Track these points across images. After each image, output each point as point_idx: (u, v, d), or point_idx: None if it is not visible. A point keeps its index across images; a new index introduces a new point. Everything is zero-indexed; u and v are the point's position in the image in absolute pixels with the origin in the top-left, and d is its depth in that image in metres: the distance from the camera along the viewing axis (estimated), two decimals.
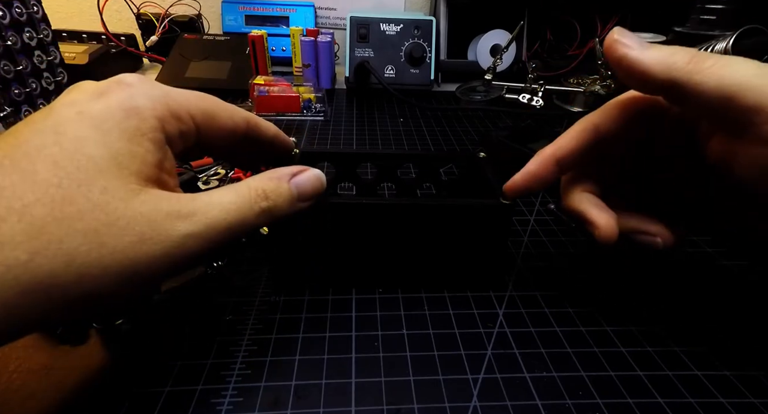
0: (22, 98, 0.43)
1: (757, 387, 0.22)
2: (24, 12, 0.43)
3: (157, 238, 0.16)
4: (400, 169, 0.33)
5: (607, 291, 0.28)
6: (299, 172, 0.21)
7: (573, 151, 0.23)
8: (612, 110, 0.23)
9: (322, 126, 0.53)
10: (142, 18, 0.74)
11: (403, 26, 0.64)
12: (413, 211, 0.24)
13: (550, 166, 0.23)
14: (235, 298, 0.26)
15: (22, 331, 0.15)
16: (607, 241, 0.21)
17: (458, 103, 0.62)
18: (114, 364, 0.22)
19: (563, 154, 0.23)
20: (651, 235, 0.23)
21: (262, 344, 0.23)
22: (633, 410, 0.21)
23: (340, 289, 0.27)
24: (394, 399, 0.21)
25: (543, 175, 0.24)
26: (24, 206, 0.14)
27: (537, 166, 0.24)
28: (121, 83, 0.18)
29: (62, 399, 0.20)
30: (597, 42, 0.59)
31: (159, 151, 0.17)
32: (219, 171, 0.39)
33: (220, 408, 0.20)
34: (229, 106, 0.21)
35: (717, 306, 0.27)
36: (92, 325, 0.23)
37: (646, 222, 0.23)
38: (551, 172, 0.23)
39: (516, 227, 0.34)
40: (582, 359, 0.23)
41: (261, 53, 0.62)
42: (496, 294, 0.27)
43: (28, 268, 0.14)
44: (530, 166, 0.24)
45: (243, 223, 0.18)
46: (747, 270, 0.30)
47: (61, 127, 0.16)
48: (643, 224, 0.23)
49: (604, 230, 0.21)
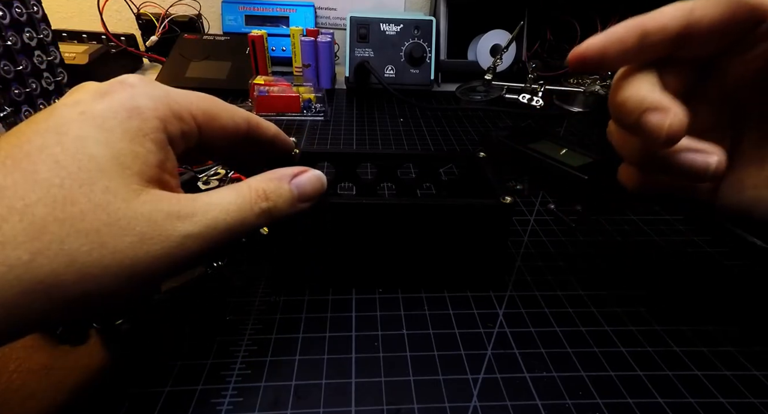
0: (22, 98, 0.43)
1: (757, 387, 0.22)
2: (24, 12, 0.43)
3: (158, 238, 0.16)
4: (400, 169, 0.33)
5: (606, 291, 0.28)
6: (300, 172, 0.21)
7: (663, 27, 0.19)
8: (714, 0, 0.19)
9: (322, 126, 0.53)
10: (142, 18, 0.74)
11: (403, 26, 0.64)
12: (413, 211, 0.24)
13: (636, 35, 0.19)
14: (235, 298, 0.26)
15: (22, 330, 0.15)
16: (677, 133, 0.18)
17: (458, 103, 0.62)
18: (114, 364, 0.22)
19: (652, 27, 0.19)
20: (707, 153, 0.19)
21: (262, 344, 0.23)
22: (633, 410, 0.21)
23: (340, 289, 0.27)
24: (394, 399, 0.21)
25: (626, 44, 0.19)
26: (25, 206, 0.14)
27: (624, 29, 0.19)
28: (123, 84, 0.18)
29: (62, 399, 0.20)
30: None
31: (161, 151, 0.18)
32: (219, 171, 0.39)
33: (220, 408, 0.20)
34: (229, 107, 0.21)
35: (717, 306, 0.27)
36: (92, 325, 0.23)
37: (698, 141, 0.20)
38: (634, 44, 0.20)
39: (516, 227, 0.34)
40: (582, 359, 0.23)
41: (261, 53, 0.62)
42: (496, 294, 0.27)
43: (30, 268, 0.14)
44: (615, 29, 0.20)
45: (243, 223, 0.18)
46: (747, 270, 0.30)
47: (63, 127, 0.16)
48: (695, 142, 0.19)
49: (679, 117, 0.18)
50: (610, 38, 0.20)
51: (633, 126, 0.19)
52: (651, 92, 0.19)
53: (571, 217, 0.35)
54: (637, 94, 0.19)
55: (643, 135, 0.19)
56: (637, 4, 0.72)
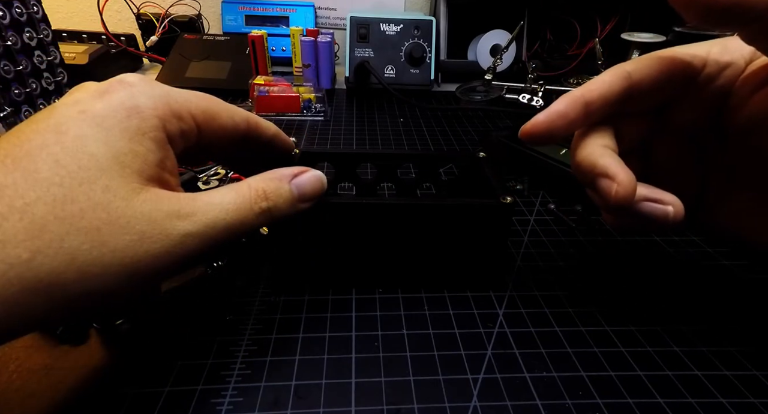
0: (22, 98, 0.43)
1: (757, 387, 0.22)
2: (24, 12, 0.43)
3: (158, 237, 0.16)
4: (400, 169, 0.33)
5: (607, 291, 0.28)
6: (300, 172, 0.21)
7: (603, 95, 0.21)
8: (648, 61, 0.21)
9: (322, 126, 0.53)
10: (142, 18, 0.74)
11: (403, 26, 0.64)
12: (413, 211, 0.24)
13: (577, 107, 0.21)
14: (235, 298, 0.26)
15: (22, 329, 0.15)
16: (625, 199, 0.19)
17: (458, 103, 0.62)
18: (114, 364, 0.22)
19: (592, 98, 0.21)
20: (664, 203, 0.20)
21: (262, 344, 0.23)
22: (633, 410, 0.21)
23: (340, 289, 0.27)
24: (394, 399, 0.21)
25: (569, 117, 0.21)
26: (25, 205, 0.14)
27: (564, 105, 0.21)
28: (122, 83, 0.18)
29: (62, 399, 0.20)
30: (597, 42, 0.59)
31: (160, 150, 0.18)
32: (219, 171, 0.39)
33: (220, 408, 0.20)
34: (229, 106, 0.21)
35: (717, 306, 0.27)
36: (92, 325, 0.23)
37: (657, 190, 0.20)
38: (578, 115, 0.21)
39: (516, 227, 0.34)
40: (582, 359, 0.23)
41: (261, 53, 0.62)
42: (496, 294, 0.27)
43: (30, 267, 0.14)
44: (557, 105, 0.21)
45: (243, 223, 0.18)
46: (747, 270, 0.30)
47: (63, 126, 0.16)
48: (654, 192, 0.20)
49: (624, 186, 0.19)
50: (551, 116, 0.21)
51: (590, 186, 0.20)
52: (601, 157, 0.20)
53: (571, 217, 0.35)
54: (588, 159, 0.20)
55: (598, 196, 0.20)
56: (637, 4, 0.71)
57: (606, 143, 0.21)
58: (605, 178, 0.19)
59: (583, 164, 0.21)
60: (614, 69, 0.21)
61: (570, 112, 0.20)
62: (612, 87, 0.21)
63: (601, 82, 0.21)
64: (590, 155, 0.20)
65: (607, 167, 0.19)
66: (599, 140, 0.21)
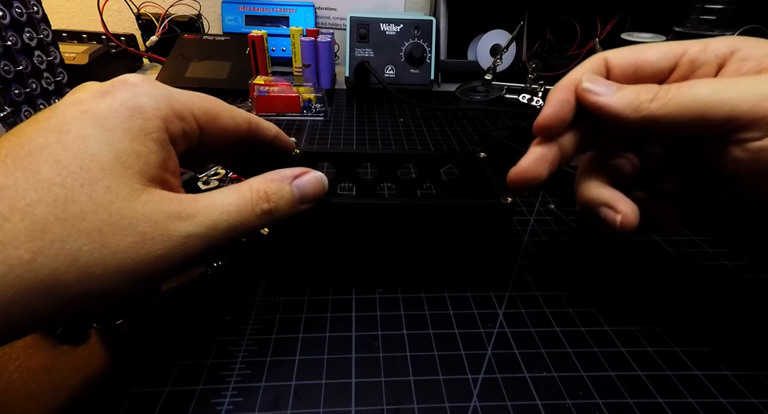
0: (22, 98, 0.43)
1: (757, 387, 0.22)
2: (24, 12, 0.42)
3: (159, 238, 0.16)
4: (400, 169, 0.33)
5: (607, 291, 0.28)
6: (301, 174, 0.21)
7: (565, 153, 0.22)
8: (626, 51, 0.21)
9: (322, 126, 0.53)
10: (142, 18, 0.73)
11: (403, 26, 0.64)
12: (413, 211, 0.24)
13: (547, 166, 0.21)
14: (235, 298, 0.26)
15: (24, 330, 0.15)
16: (630, 227, 0.20)
17: (458, 103, 0.62)
18: (114, 364, 0.22)
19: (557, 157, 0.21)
20: (615, 210, 0.21)
21: (262, 344, 0.23)
22: (633, 410, 0.21)
23: (340, 289, 0.27)
24: (394, 399, 0.21)
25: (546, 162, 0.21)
26: (27, 205, 0.14)
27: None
28: (124, 83, 0.18)
29: (62, 399, 0.20)
30: (597, 42, 0.59)
31: (162, 150, 0.18)
32: (219, 171, 0.39)
33: (220, 408, 0.20)
34: (231, 107, 0.21)
35: (717, 306, 0.27)
36: (92, 325, 0.23)
37: (619, 198, 0.21)
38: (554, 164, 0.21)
39: (516, 227, 0.34)
40: (582, 359, 0.23)
41: (261, 53, 0.62)
42: (496, 294, 0.27)
43: (31, 268, 0.14)
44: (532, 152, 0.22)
45: (244, 224, 0.18)
46: (747, 270, 0.30)
47: (64, 126, 0.16)
48: (615, 198, 0.21)
49: (628, 218, 0.20)
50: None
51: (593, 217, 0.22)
52: (612, 198, 0.21)
53: (571, 217, 0.35)
54: (599, 199, 0.21)
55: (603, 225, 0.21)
56: (637, 4, 0.71)
57: (603, 180, 0.22)
58: (611, 211, 0.21)
59: (589, 202, 0.22)
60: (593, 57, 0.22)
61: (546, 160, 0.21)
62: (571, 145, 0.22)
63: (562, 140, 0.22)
64: (593, 195, 0.22)
65: (612, 203, 0.21)
66: (596, 179, 0.22)
